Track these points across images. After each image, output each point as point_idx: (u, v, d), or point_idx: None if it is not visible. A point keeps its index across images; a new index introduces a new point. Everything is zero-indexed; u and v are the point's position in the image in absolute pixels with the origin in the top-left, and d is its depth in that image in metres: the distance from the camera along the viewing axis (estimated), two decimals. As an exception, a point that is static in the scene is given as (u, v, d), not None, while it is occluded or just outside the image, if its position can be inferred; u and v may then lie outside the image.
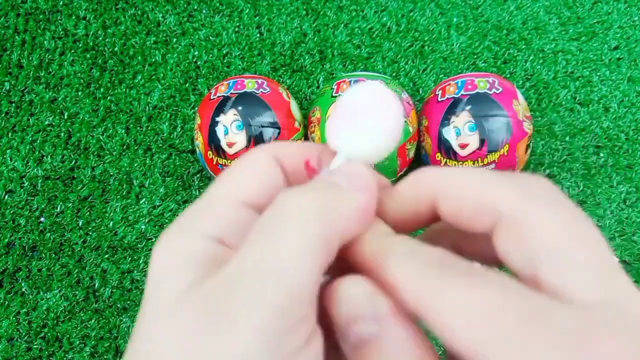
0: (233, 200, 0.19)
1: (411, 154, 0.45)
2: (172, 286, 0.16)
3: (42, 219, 0.50)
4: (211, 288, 0.16)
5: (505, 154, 0.42)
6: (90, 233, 0.50)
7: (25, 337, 0.47)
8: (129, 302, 0.48)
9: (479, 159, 0.42)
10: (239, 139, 0.43)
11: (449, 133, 0.43)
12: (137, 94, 0.53)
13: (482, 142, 0.42)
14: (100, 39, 0.55)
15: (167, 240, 0.18)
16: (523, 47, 0.53)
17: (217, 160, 0.44)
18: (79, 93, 0.54)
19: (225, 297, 0.15)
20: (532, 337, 0.13)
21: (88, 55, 0.55)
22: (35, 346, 0.47)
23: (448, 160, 0.43)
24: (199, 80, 0.54)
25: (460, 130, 0.42)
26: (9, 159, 0.52)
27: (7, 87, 0.54)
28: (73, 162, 0.52)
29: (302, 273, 0.15)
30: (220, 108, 0.44)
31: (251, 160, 0.20)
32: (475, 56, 0.53)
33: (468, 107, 0.42)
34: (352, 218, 0.17)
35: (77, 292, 0.48)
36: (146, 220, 0.50)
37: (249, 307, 0.15)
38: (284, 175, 0.20)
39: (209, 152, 0.44)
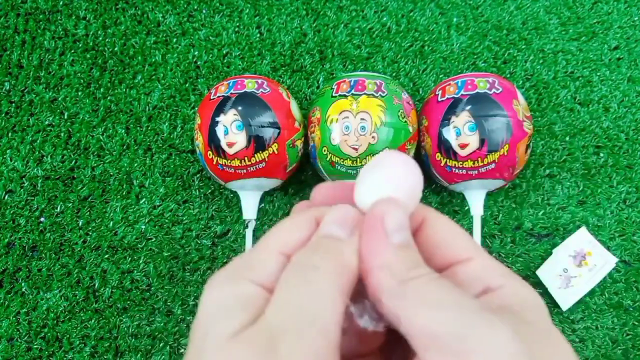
0: (277, 252, 0.22)
1: (411, 154, 0.45)
2: (223, 330, 0.19)
3: (42, 219, 0.50)
4: (256, 333, 0.19)
5: (505, 154, 0.42)
6: (90, 233, 0.50)
7: (25, 337, 0.47)
8: (129, 302, 0.48)
9: (479, 159, 0.42)
10: (239, 139, 0.43)
11: (449, 133, 0.43)
12: (137, 94, 0.53)
13: (482, 142, 0.42)
14: (100, 39, 0.55)
15: (219, 284, 0.21)
16: (523, 47, 0.53)
17: (217, 160, 0.44)
18: (79, 93, 0.54)
19: (269, 342, 0.18)
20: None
21: (88, 55, 0.55)
22: (35, 346, 0.47)
23: (448, 160, 0.43)
24: (199, 80, 0.54)
25: (460, 130, 0.42)
26: (9, 159, 0.52)
27: (7, 87, 0.54)
28: (73, 162, 0.52)
29: (330, 323, 0.19)
30: (220, 108, 0.44)
31: (296, 220, 0.24)
32: (475, 56, 0.53)
33: (468, 107, 0.42)
34: (355, 265, 0.22)
35: (77, 292, 0.48)
36: (146, 220, 0.50)
37: (291, 354, 0.18)
38: None
39: (209, 152, 0.44)
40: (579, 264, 0.46)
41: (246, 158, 0.43)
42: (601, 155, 0.51)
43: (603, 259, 0.46)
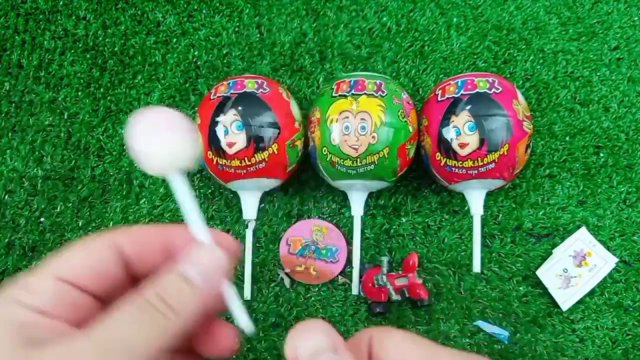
0: (54, 276, 0.23)
1: (411, 153, 0.45)
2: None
3: (42, 219, 0.50)
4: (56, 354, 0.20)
5: (505, 153, 0.42)
6: (91, 233, 0.50)
7: (25, 337, 0.47)
8: (128, 302, 0.48)
9: (479, 159, 0.42)
10: (239, 139, 0.43)
11: (448, 133, 0.43)
12: (137, 94, 0.53)
13: (481, 141, 0.42)
14: (100, 39, 0.55)
15: None
16: (523, 47, 0.53)
17: (217, 160, 0.44)
18: (79, 93, 0.54)
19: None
20: None
21: (88, 55, 0.55)
22: (35, 346, 0.47)
23: (448, 160, 0.43)
24: (199, 80, 0.54)
25: (460, 130, 0.42)
26: (9, 159, 0.52)
27: (7, 87, 0.54)
28: (73, 162, 0.52)
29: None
30: (220, 108, 0.44)
31: (85, 245, 0.24)
32: (475, 56, 0.53)
33: (468, 107, 0.42)
34: (196, 311, 0.23)
35: (77, 292, 0.48)
36: (146, 221, 0.50)
37: None
38: (126, 260, 0.25)
39: (209, 152, 0.44)
40: (579, 264, 0.46)
41: (246, 158, 0.43)
42: (601, 155, 0.51)
43: (603, 259, 0.46)
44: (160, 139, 0.24)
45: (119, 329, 0.22)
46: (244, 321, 0.25)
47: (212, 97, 0.45)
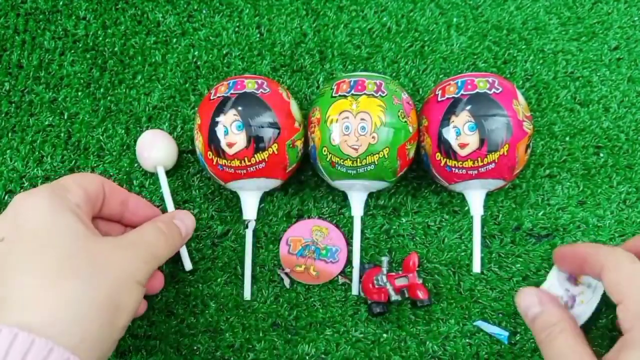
0: (80, 185, 0.38)
1: (411, 154, 0.45)
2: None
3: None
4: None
5: (505, 153, 0.42)
6: (90, 233, 0.50)
7: (25, 337, 0.47)
8: (129, 302, 0.48)
9: (479, 159, 0.42)
10: (239, 139, 0.43)
11: (448, 133, 0.43)
12: (137, 94, 0.53)
13: (482, 142, 0.42)
14: (100, 39, 0.55)
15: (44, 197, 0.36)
16: (523, 47, 0.53)
17: (217, 160, 0.44)
18: (79, 93, 0.54)
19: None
20: None
21: (88, 55, 0.55)
22: (35, 346, 0.47)
23: (448, 160, 0.43)
24: (199, 80, 0.54)
25: (460, 130, 0.42)
26: (9, 159, 0.52)
27: (7, 87, 0.54)
28: (73, 162, 0.52)
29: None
30: (220, 108, 0.44)
31: (87, 174, 0.43)
32: (475, 56, 0.53)
33: (468, 107, 0.42)
34: (175, 250, 0.43)
35: (77, 292, 0.48)
36: (146, 220, 0.50)
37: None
38: (103, 195, 0.42)
39: (209, 153, 0.44)
40: (576, 284, 0.44)
41: (246, 158, 0.43)
42: (601, 155, 0.51)
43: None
44: (150, 150, 0.47)
45: (148, 237, 0.38)
46: (188, 261, 0.48)
47: (212, 97, 0.45)
